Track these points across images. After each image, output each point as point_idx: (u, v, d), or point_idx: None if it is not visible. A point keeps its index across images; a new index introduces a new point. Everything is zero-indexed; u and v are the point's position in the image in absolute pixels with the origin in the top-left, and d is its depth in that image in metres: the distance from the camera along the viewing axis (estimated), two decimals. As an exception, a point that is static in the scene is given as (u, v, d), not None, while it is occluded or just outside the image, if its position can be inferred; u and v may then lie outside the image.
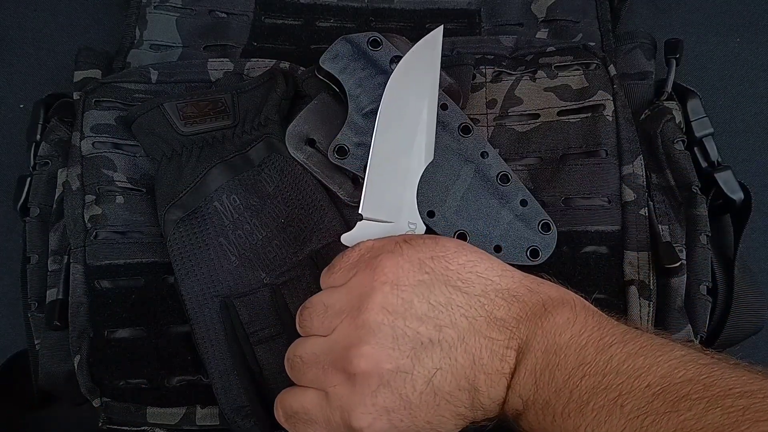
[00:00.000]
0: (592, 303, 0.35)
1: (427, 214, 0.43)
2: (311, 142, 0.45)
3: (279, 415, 0.37)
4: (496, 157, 0.44)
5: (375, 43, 0.44)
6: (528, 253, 0.42)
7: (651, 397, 0.28)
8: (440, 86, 0.44)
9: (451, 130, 0.44)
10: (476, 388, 0.33)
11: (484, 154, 0.44)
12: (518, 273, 0.36)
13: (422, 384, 0.32)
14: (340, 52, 0.44)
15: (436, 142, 0.43)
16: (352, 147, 0.43)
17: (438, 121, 0.43)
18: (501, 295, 0.34)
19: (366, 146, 0.43)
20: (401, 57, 0.44)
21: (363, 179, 0.41)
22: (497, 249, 0.42)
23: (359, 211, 0.40)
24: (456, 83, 0.46)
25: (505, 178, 0.43)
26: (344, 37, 0.44)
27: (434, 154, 0.43)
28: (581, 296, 0.35)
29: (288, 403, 0.36)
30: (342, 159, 0.43)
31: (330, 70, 0.44)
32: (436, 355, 0.33)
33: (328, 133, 0.44)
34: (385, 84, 0.42)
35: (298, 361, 0.35)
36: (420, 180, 0.42)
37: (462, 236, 0.42)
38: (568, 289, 0.36)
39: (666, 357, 0.29)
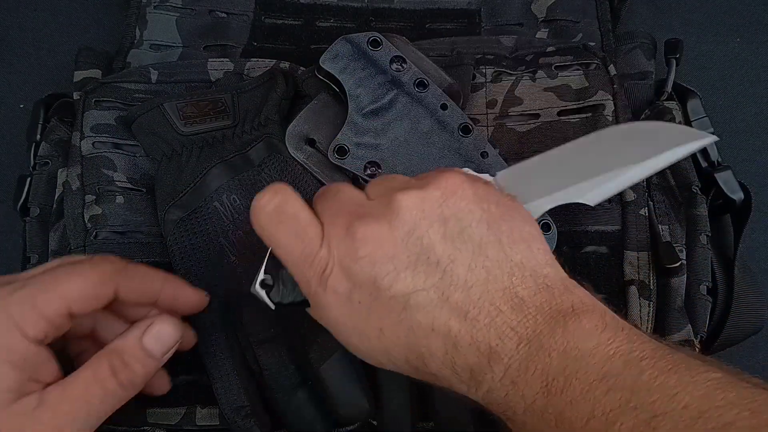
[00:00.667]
0: None
1: None
2: (311, 142, 0.45)
3: (262, 203, 0.33)
4: (496, 157, 0.44)
5: (375, 43, 0.44)
6: None
7: (690, 421, 0.24)
8: (440, 86, 0.44)
9: (451, 130, 0.44)
10: (455, 344, 0.29)
11: (484, 154, 0.43)
12: (562, 270, 0.32)
13: (398, 289, 0.29)
14: (340, 52, 0.44)
15: (435, 143, 0.43)
16: (352, 147, 0.43)
17: (438, 121, 0.43)
18: (535, 277, 0.30)
19: (365, 146, 0.43)
20: (401, 57, 0.44)
21: (362, 179, 0.41)
22: None
23: None
24: (456, 83, 0.46)
25: None
26: (344, 37, 0.44)
27: (434, 154, 0.43)
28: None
29: (289, 203, 0.32)
30: (342, 159, 0.43)
31: (330, 70, 0.44)
32: (431, 278, 0.29)
33: (328, 133, 0.44)
34: (385, 83, 0.42)
35: (331, 191, 0.33)
36: None
37: None
38: None
39: (703, 377, 0.26)
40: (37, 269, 0.33)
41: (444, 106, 0.44)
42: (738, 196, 0.46)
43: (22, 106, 0.58)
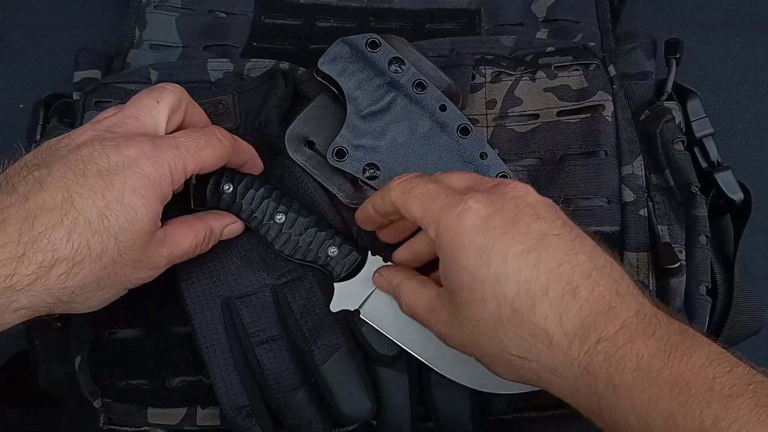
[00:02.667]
0: None
1: None
2: (310, 144, 0.45)
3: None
4: (495, 158, 0.44)
5: (373, 45, 0.44)
6: None
7: None
8: (439, 87, 0.44)
9: (450, 131, 0.44)
10: (575, 290, 0.31)
11: (483, 155, 0.43)
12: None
13: (536, 227, 0.32)
14: (338, 54, 0.44)
15: (434, 144, 0.43)
16: (350, 149, 0.43)
17: (437, 122, 0.43)
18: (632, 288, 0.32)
19: (364, 148, 0.43)
20: (399, 58, 0.43)
21: (362, 181, 0.41)
22: None
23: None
24: (455, 84, 0.46)
25: (505, 179, 0.43)
26: (342, 39, 0.44)
27: (433, 155, 0.43)
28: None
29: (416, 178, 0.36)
30: (341, 161, 0.43)
31: (328, 73, 0.44)
32: (567, 229, 0.32)
33: (327, 135, 0.44)
34: (384, 85, 0.42)
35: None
36: None
37: None
38: None
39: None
40: (161, 116, 0.38)
41: (443, 108, 0.44)
42: (738, 196, 0.46)
43: (21, 106, 0.58)
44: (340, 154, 0.43)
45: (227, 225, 0.41)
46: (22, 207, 0.31)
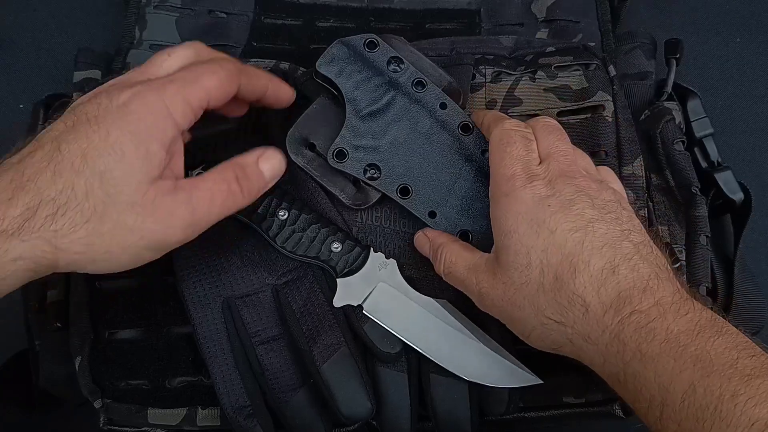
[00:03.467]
0: None
1: (429, 215, 0.42)
2: (311, 146, 0.44)
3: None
4: None
5: (371, 45, 0.43)
6: None
7: None
8: (439, 85, 0.44)
9: (450, 129, 0.44)
10: (614, 268, 0.33)
11: (485, 152, 0.43)
12: None
13: (587, 214, 0.34)
14: (336, 55, 0.44)
15: (436, 142, 0.43)
16: (350, 150, 0.43)
17: (437, 120, 0.43)
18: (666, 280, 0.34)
19: (364, 149, 0.43)
20: (398, 57, 0.43)
21: (363, 182, 0.41)
22: None
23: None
24: (455, 82, 0.46)
25: None
26: (340, 40, 0.44)
27: (435, 154, 0.43)
28: None
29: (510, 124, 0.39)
30: (341, 162, 0.43)
31: (326, 74, 0.43)
32: (614, 222, 0.35)
33: (328, 137, 0.44)
34: (383, 85, 0.42)
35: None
36: (420, 180, 0.43)
37: (465, 236, 0.42)
38: None
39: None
40: (172, 67, 0.37)
41: (443, 105, 0.43)
42: (738, 196, 0.46)
43: (21, 106, 0.58)
44: (341, 155, 0.43)
45: (260, 156, 0.38)
46: (18, 164, 0.32)
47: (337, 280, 0.42)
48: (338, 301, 0.41)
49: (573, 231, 0.34)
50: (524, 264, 0.35)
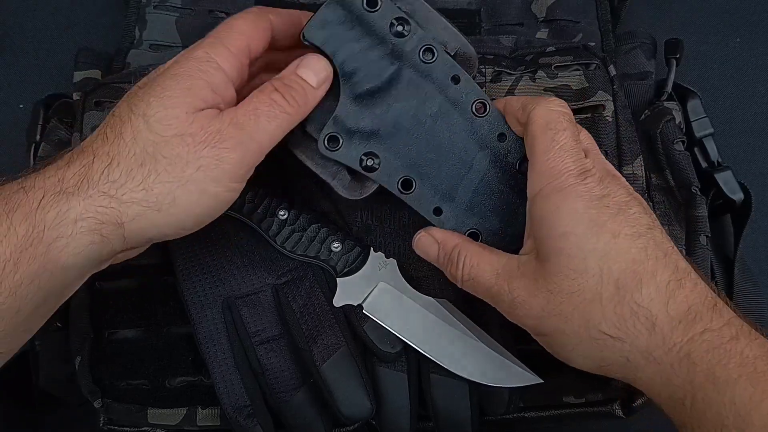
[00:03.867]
0: None
1: (434, 212, 0.38)
2: (302, 126, 0.38)
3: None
4: (514, 140, 0.38)
5: (372, 3, 0.36)
6: None
7: None
8: (453, 48, 0.39)
9: (463, 110, 0.38)
10: (681, 281, 0.31)
11: (501, 137, 0.38)
12: None
13: (643, 221, 0.33)
14: (329, 18, 0.36)
15: (444, 126, 0.38)
16: (345, 136, 0.37)
17: (448, 99, 0.38)
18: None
19: (361, 134, 0.38)
20: (404, 18, 0.37)
21: (361, 173, 0.38)
22: (515, 251, 0.37)
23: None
24: (469, 45, 0.39)
25: (527, 166, 0.37)
26: None
27: (443, 139, 0.38)
28: None
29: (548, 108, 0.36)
30: (334, 150, 0.37)
31: (315, 43, 0.36)
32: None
33: (320, 118, 0.38)
34: (385, 56, 0.37)
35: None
36: (425, 172, 0.38)
37: (474, 236, 0.38)
38: None
39: None
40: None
41: (455, 79, 0.37)
42: (738, 196, 0.46)
43: (21, 106, 0.58)
44: (333, 141, 0.37)
45: (299, 64, 0.36)
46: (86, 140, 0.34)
47: (337, 279, 0.42)
48: (338, 301, 0.41)
49: (635, 237, 0.32)
50: (579, 269, 0.31)
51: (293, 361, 0.41)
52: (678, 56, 0.50)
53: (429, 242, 0.38)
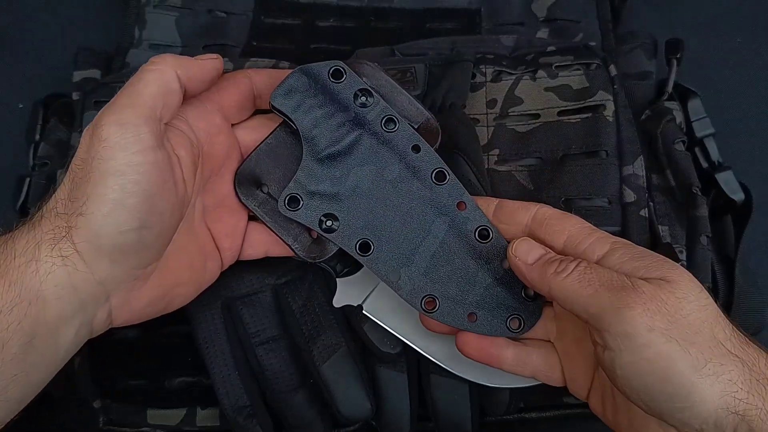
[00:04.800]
0: None
1: (390, 275, 0.38)
2: (263, 187, 0.40)
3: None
4: (474, 209, 0.38)
5: (337, 74, 0.38)
6: (508, 323, 0.37)
7: None
8: (415, 123, 0.40)
9: (422, 177, 0.38)
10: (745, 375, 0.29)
11: (461, 205, 0.38)
12: None
13: (710, 312, 0.31)
14: (294, 86, 0.38)
15: (404, 191, 0.39)
16: (305, 197, 0.38)
17: (408, 166, 0.39)
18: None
19: (321, 196, 0.38)
20: (368, 90, 0.38)
21: (320, 235, 0.38)
22: (471, 317, 0.37)
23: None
24: (434, 119, 0.40)
25: (484, 234, 0.38)
26: (301, 68, 0.38)
27: (402, 204, 0.38)
28: None
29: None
30: (294, 210, 0.38)
31: (281, 108, 0.38)
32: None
33: (282, 179, 0.39)
34: (347, 123, 0.38)
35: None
36: (383, 235, 0.38)
37: (431, 302, 0.37)
38: None
39: None
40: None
41: (416, 148, 0.38)
42: (738, 196, 0.46)
43: (21, 106, 0.58)
44: (294, 202, 0.38)
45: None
46: None
47: (337, 280, 0.41)
48: (338, 301, 0.41)
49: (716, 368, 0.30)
50: (699, 288, 0.31)
51: (293, 361, 0.41)
52: (679, 56, 0.50)
53: (534, 245, 0.36)
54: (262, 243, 0.41)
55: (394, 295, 0.40)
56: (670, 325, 0.30)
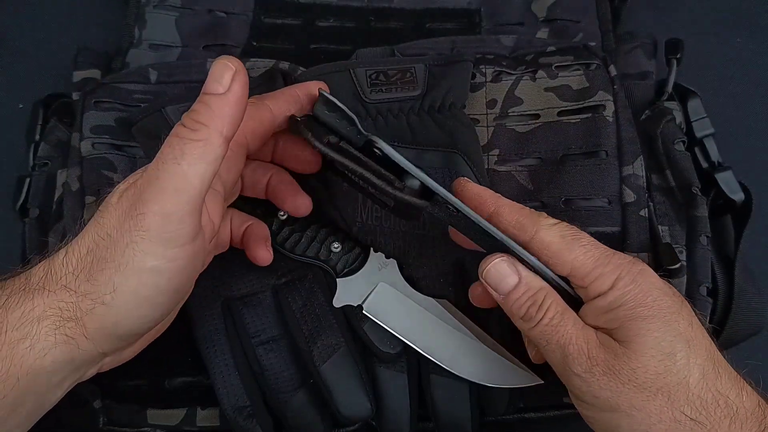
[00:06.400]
0: None
1: None
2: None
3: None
4: None
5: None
6: None
7: None
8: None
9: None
10: (740, 414, 0.31)
11: None
12: None
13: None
14: None
15: None
16: None
17: None
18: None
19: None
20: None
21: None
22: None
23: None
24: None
25: None
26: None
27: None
28: None
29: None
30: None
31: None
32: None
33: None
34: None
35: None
36: None
37: None
38: None
39: None
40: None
41: None
42: (738, 196, 0.46)
43: (21, 106, 0.58)
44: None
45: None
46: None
47: (337, 280, 0.41)
48: (338, 301, 0.41)
49: (702, 326, 0.34)
50: (665, 353, 0.32)
51: (293, 361, 0.41)
52: (679, 56, 0.49)
53: (508, 273, 0.35)
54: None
55: (395, 295, 0.40)
56: (617, 395, 0.32)
